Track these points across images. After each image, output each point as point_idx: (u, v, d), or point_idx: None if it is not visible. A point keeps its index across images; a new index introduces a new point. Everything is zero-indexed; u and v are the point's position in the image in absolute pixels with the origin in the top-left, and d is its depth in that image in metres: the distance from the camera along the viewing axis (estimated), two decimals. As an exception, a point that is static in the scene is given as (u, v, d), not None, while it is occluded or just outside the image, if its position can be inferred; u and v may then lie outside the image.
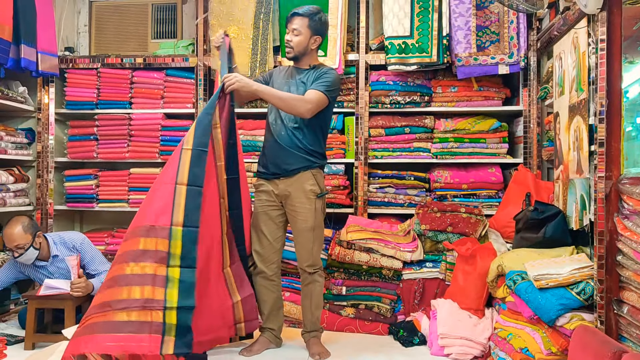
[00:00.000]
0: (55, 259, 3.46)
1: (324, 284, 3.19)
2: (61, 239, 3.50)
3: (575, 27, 2.92)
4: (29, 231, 3.34)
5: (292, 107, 2.90)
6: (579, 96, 2.85)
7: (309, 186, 3.01)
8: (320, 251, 3.17)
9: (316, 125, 3.04)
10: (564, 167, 3.10)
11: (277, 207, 3.10)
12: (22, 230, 3.32)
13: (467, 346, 3.04)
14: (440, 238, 3.62)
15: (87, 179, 4.37)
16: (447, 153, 4.04)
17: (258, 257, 3.14)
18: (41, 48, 3.98)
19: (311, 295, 3.12)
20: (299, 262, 3.13)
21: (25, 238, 3.31)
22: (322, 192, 3.06)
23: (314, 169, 3.04)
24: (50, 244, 3.46)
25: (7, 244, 3.33)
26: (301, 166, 3.01)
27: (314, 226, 3.03)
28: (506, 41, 3.90)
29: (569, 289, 2.58)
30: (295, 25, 3.01)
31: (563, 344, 2.47)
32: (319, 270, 3.13)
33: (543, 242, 3.01)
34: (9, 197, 3.98)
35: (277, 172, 3.04)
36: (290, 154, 3.01)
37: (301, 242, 3.07)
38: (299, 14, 3.02)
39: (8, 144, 3.99)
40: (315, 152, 3.06)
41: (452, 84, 4.05)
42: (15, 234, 3.29)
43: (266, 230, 3.10)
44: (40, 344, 3.16)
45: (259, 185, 3.15)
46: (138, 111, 4.33)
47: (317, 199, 3.02)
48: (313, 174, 3.03)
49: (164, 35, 4.68)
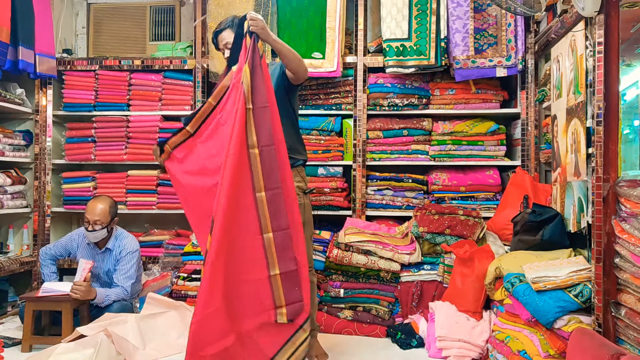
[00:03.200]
0: (107, 251, 3.52)
1: (316, 282, 3.11)
2: (121, 238, 3.55)
3: (572, 30, 2.92)
4: (110, 213, 3.46)
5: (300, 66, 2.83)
6: (576, 99, 2.86)
7: (296, 183, 2.99)
8: (312, 248, 3.10)
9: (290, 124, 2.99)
10: (561, 169, 3.10)
11: None
12: (107, 209, 3.44)
13: (465, 349, 3.04)
14: (438, 240, 3.62)
15: (84, 181, 4.37)
16: (445, 155, 4.04)
17: None
18: (39, 50, 3.98)
19: None
20: None
21: (106, 218, 3.42)
22: (309, 189, 3.05)
23: (298, 167, 3.02)
24: (112, 236, 3.53)
25: (88, 215, 3.41)
26: None
27: (304, 222, 2.99)
28: (504, 44, 3.90)
29: (566, 291, 2.58)
30: (227, 39, 2.95)
31: (561, 346, 2.47)
32: (312, 269, 3.05)
33: (541, 244, 3.01)
34: (6, 199, 3.97)
35: None
36: None
37: None
38: (223, 29, 2.99)
39: (5, 146, 3.98)
40: (296, 149, 3.02)
41: (450, 87, 4.06)
42: (101, 210, 3.41)
43: None
44: (38, 347, 3.15)
45: None
46: (136, 113, 4.33)
47: (304, 195, 3.01)
48: (298, 171, 3.02)
49: (162, 38, 4.68)
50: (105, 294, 3.35)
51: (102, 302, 3.34)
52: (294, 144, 3.01)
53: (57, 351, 2.79)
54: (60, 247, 3.65)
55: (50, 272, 3.60)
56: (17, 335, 3.37)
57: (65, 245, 3.65)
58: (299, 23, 4.08)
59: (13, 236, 4.20)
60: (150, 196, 4.30)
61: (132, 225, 4.49)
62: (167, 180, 4.26)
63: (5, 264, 3.82)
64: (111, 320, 3.04)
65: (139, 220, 4.54)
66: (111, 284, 3.49)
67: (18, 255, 4.11)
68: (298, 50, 4.16)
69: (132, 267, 3.50)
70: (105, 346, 2.82)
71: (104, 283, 3.54)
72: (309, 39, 4.06)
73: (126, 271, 3.47)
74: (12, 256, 4.05)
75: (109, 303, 3.35)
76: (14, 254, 4.12)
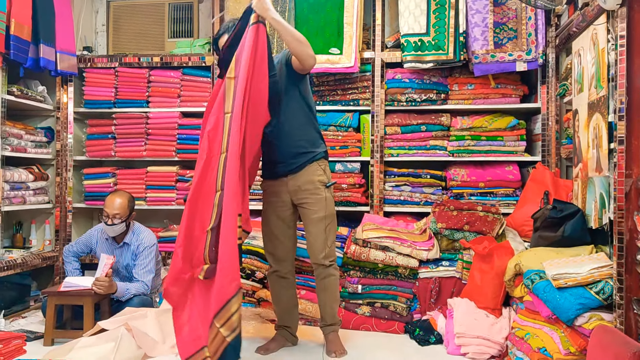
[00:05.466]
0: (125, 246, 3.56)
1: (339, 277, 3.13)
2: (138, 233, 3.59)
3: (594, 24, 2.88)
4: (129, 207, 3.52)
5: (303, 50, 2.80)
6: (598, 93, 2.81)
7: (317, 177, 2.98)
8: (335, 243, 3.09)
9: (302, 115, 3.01)
10: (583, 165, 3.06)
11: (287, 206, 3.06)
12: (125, 203, 3.50)
13: (484, 345, 3.02)
14: (456, 236, 3.59)
15: (105, 177, 4.42)
16: (464, 151, 4.01)
17: (271, 257, 3.14)
18: (60, 47, 4.03)
19: (328, 289, 3.05)
20: (313, 256, 3.03)
21: (125, 211, 3.48)
22: (330, 182, 3.05)
23: (319, 160, 3.02)
24: (130, 230, 3.58)
25: (107, 209, 3.47)
26: (305, 160, 2.99)
27: (326, 215, 2.98)
28: (524, 38, 3.86)
29: (587, 288, 2.55)
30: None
31: (582, 343, 2.44)
32: (335, 263, 3.07)
33: (562, 240, 2.98)
34: (29, 195, 4.03)
35: (284, 171, 3.02)
36: (292, 153, 2.98)
37: (314, 232, 3.00)
38: (221, 34, 2.99)
39: (28, 143, 4.04)
40: (312, 142, 3.03)
41: (469, 82, 4.02)
42: (120, 204, 3.47)
43: (277, 231, 3.09)
44: (60, 340, 3.20)
45: (267, 187, 3.13)
46: (155, 110, 4.37)
47: (326, 189, 3.01)
48: (319, 164, 3.02)
49: (180, 34, 4.71)
50: (125, 288, 3.39)
51: (122, 296, 3.38)
52: (309, 136, 3.01)
53: (78, 345, 2.84)
54: (82, 244, 3.70)
55: (73, 268, 3.66)
56: (40, 329, 3.43)
57: (85, 242, 3.70)
58: (316, 19, 4.07)
59: (35, 231, 4.27)
60: (169, 192, 4.34)
61: (152, 221, 4.54)
62: (185, 177, 4.30)
63: (27, 259, 3.89)
64: (131, 314, 3.08)
65: (158, 215, 4.58)
66: (130, 278, 3.53)
67: (40, 251, 4.18)
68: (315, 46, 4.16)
69: (151, 262, 3.53)
70: (125, 340, 2.85)
71: (123, 277, 3.59)
72: (326, 34, 4.06)
73: (145, 265, 3.51)
74: (35, 251, 4.12)
75: (129, 297, 3.39)
76: (36, 249, 4.19)
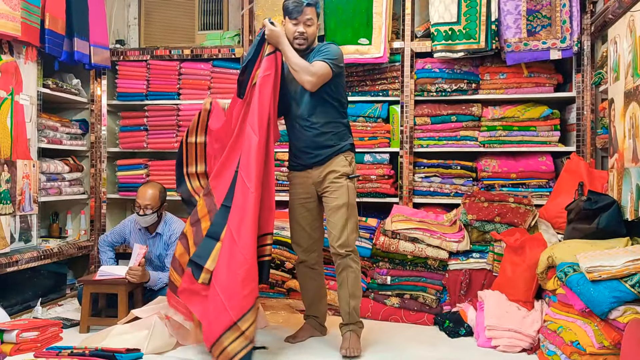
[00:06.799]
0: (157, 236, 3.63)
1: (359, 271, 2.98)
2: (170, 223, 3.66)
3: (631, 10, 2.81)
4: (160, 198, 3.60)
5: (299, 78, 2.85)
6: (635, 82, 2.74)
7: (341, 168, 2.98)
8: (354, 234, 3.00)
9: (336, 113, 3.01)
10: (618, 155, 2.99)
11: (313, 197, 3.07)
12: (157, 194, 3.58)
13: (516, 338, 2.98)
14: (487, 228, 3.55)
15: (137, 168, 4.50)
16: (495, 142, 3.95)
17: (298, 248, 3.15)
18: (93, 41, 4.10)
19: (344, 285, 2.94)
20: (330, 243, 2.96)
21: (156, 202, 3.56)
22: (354, 175, 3.04)
23: (345, 152, 3.01)
24: (161, 221, 3.64)
25: (140, 200, 3.55)
26: (332, 152, 2.98)
27: (346, 204, 2.94)
28: (558, 25, 3.77)
29: (622, 281, 2.49)
30: (309, 15, 2.92)
31: (616, 337, 2.39)
32: (352, 254, 2.95)
33: (596, 233, 2.92)
34: (65, 186, 4.13)
35: (310, 162, 3.02)
36: (320, 146, 2.98)
37: (333, 220, 2.96)
38: (310, 4, 2.94)
39: (63, 135, 4.14)
40: (343, 137, 3.03)
41: (501, 71, 3.95)
42: (152, 194, 3.55)
43: (303, 222, 3.10)
44: (95, 328, 3.28)
45: (292, 177, 3.14)
46: (186, 102, 4.42)
47: (348, 180, 3.00)
48: (345, 157, 3.01)
49: (210, 27, 4.75)
50: (158, 277, 3.45)
51: (155, 285, 3.45)
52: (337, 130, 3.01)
53: (113, 332, 2.91)
54: (116, 235, 3.78)
55: (107, 257, 3.75)
56: (75, 316, 3.52)
57: (119, 232, 3.78)
58: (345, 9, 4.05)
59: (71, 221, 4.38)
60: (200, 183, 4.38)
61: (184, 212, 4.58)
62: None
63: (64, 249, 3.99)
64: (164, 303, 3.13)
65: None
66: (163, 267, 3.59)
67: (76, 240, 4.28)
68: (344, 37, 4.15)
69: None
70: (159, 328, 2.92)
71: (156, 267, 3.65)
72: (355, 24, 4.03)
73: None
74: (70, 241, 4.22)
75: (162, 286, 3.46)
76: (72, 238, 4.30)
